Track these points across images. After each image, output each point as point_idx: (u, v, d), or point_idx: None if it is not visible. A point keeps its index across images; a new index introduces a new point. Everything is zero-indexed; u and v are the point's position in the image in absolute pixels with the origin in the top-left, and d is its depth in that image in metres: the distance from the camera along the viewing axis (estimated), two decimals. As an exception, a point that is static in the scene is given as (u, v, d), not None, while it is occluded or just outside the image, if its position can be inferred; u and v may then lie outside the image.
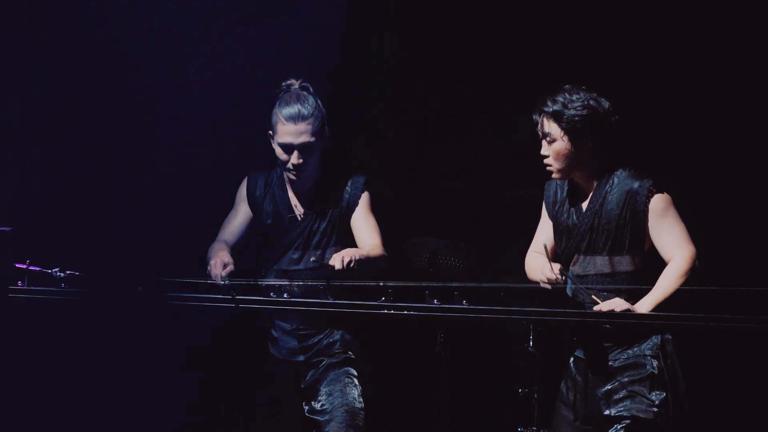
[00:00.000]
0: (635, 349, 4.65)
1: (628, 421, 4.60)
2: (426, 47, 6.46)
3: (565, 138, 4.66)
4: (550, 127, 4.67)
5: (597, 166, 4.72)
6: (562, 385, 4.84)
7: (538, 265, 4.73)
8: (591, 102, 4.65)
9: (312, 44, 6.35)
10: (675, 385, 4.62)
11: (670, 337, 4.66)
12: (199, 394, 6.36)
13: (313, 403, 4.99)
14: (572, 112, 4.64)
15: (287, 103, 4.93)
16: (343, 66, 6.40)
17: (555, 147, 4.68)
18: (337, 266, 4.72)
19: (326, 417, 4.95)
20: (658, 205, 4.63)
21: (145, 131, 6.33)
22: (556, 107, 4.65)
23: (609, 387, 4.66)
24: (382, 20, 6.45)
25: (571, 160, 4.69)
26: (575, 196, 4.78)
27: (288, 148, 4.92)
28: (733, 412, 6.02)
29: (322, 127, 4.95)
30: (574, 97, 4.65)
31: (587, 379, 4.72)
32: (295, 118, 4.89)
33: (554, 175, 4.74)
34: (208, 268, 4.86)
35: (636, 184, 4.66)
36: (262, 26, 6.42)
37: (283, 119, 4.91)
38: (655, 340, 4.65)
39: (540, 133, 4.71)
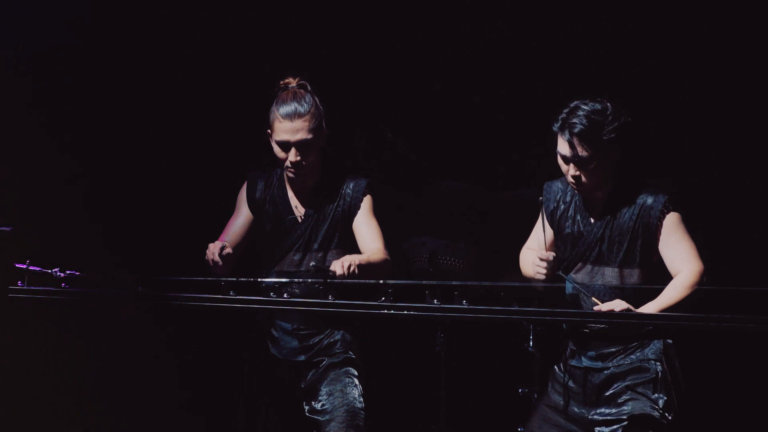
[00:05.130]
0: (638, 354, 4.64)
1: (630, 422, 4.59)
2: (424, 47, 6.46)
3: (598, 155, 4.56)
4: (581, 146, 4.56)
5: (613, 176, 4.66)
6: (549, 388, 4.82)
7: (530, 257, 4.72)
8: (615, 113, 4.57)
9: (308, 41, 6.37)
10: (677, 387, 4.62)
11: (671, 342, 4.66)
12: (198, 394, 6.36)
13: (313, 403, 4.99)
14: (603, 128, 4.55)
15: (284, 101, 4.94)
16: (342, 65, 6.42)
17: (588, 166, 4.57)
18: (339, 272, 4.71)
19: (326, 417, 4.95)
20: (671, 221, 4.60)
21: (145, 131, 6.34)
22: (583, 126, 4.55)
23: (612, 392, 4.66)
24: (386, 19, 6.45)
25: (602, 175, 4.60)
26: (583, 203, 4.73)
27: (285, 146, 4.92)
28: (734, 413, 6.02)
29: (319, 125, 4.94)
30: (597, 107, 4.57)
31: (585, 388, 4.71)
32: (292, 116, 4.90)
33: (582, 192, 4.66)
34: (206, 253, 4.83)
35: (651, 199, 4.61)
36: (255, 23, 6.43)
37: (280, 117, 4.91)
38: (659, 344, 4.64)
39: (568, 154, 4.58)
